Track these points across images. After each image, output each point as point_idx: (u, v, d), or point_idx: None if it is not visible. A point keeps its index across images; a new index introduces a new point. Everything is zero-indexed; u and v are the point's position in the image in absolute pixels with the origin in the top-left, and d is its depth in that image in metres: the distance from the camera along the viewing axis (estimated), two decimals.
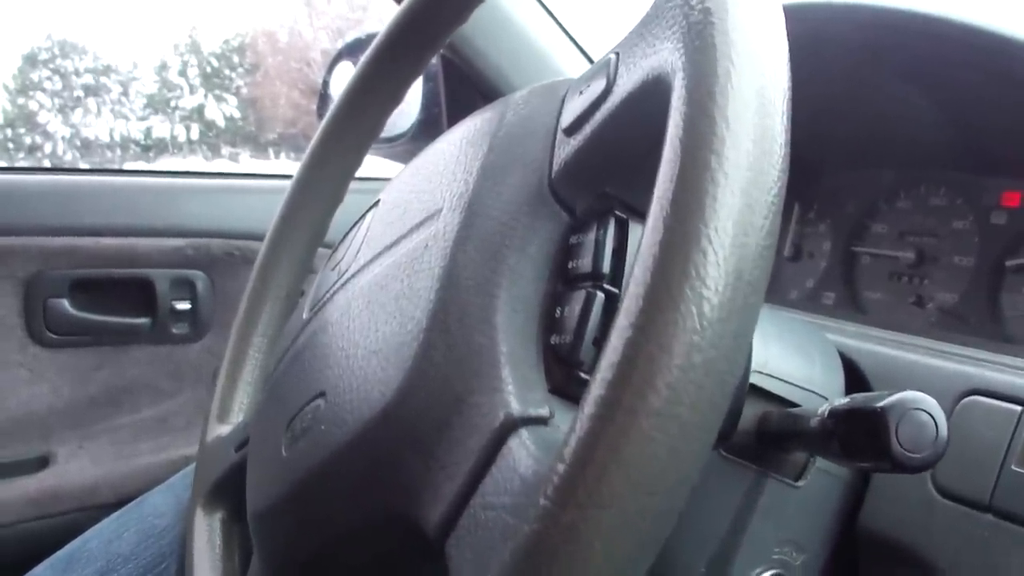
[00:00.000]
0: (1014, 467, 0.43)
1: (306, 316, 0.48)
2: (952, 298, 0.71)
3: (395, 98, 0.59)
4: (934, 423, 0.35)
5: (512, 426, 0.30)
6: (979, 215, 0.70)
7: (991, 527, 0.43)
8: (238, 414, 0.59)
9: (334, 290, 0.45)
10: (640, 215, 0.35)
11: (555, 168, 0.36)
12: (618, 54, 0.34)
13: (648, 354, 0.23)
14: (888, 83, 0.70)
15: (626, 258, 0.34)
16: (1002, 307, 0.67)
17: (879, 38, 0.68)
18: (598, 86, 0.34)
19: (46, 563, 0.71)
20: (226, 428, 0.57)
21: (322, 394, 0.39)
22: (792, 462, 0.45)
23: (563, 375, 0.33)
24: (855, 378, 0.51)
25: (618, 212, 0.35)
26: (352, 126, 0.60)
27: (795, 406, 0.44)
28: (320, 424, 0.38)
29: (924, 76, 0.68)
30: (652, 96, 0.30)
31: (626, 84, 0.33)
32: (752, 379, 0.43)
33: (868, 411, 0.35)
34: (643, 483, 0.23)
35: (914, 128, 0.73)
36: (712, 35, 0.26)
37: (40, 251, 1.09)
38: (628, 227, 0.35)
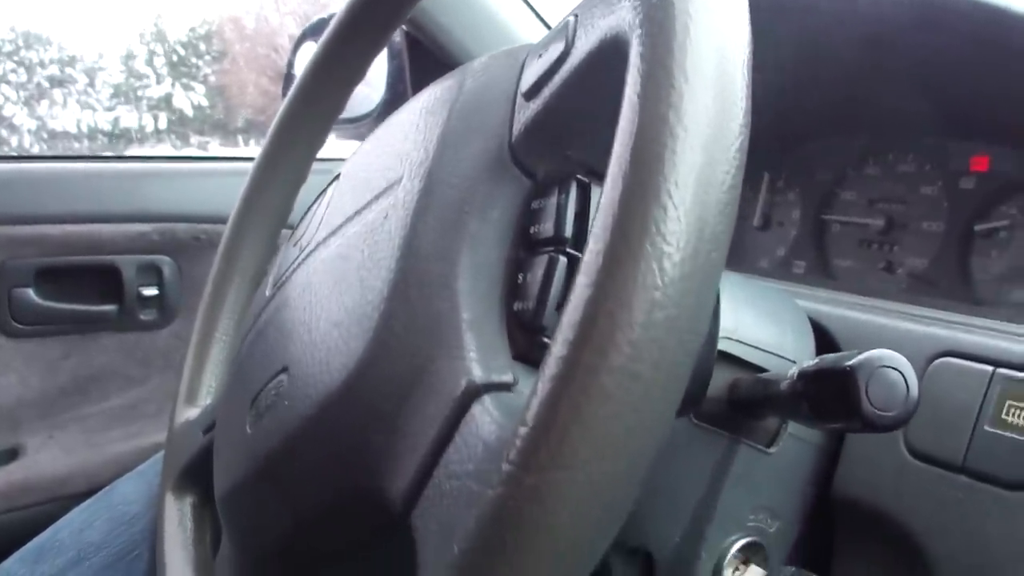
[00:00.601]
0: (986, 427, 0.43)
1: (268, 293, 0.47)
2: (922, 263, 0.71)
3: (357, 74, 0.59)
4: (904, 381, 0.34)
5: (475, 393, 0.29)
6: (948, 180, 0.70)
7: (965, 488, 0.43)
8: (206, 397, 0.58)
9: (295, 265, 0.45)
10: (601, 178, 0.35)
11: (515, 133, 0.35)
12: (576, 16, 0.34)
13: (608, 311, 0.22)
14: (855, 49, 0.70)
15: (588, 222, 0.34)
16: (972, 271, 0.68)
17: (845, 3, 0.67)
18: (556, 49, 0.34)
19: (16, 556, 0.70)
20: (194, 411, 0.57)
21: (285, 369, 0.38)
22: (764, 428, 0.45)
23: (526, 341, 0.32)
24: (826, 343, 0.51)
25: (579, 176, 0.35)
26: (315, 104, 0.59)
27: (766, 372, 0.44)
28: (284, 400, 0.37)
29: (891, 41, 0.67)
30: (611, 56, 0.29)
31: (584, 45, 0.32)
32: (722, 345, 0.43)
33: (837, 371, 0.35)
34: (606, 444, 0.22)
35: (882, 94, 0.73)
36: None
37: (3, 240, 1.07)
38: (590, 190, 0.34)
